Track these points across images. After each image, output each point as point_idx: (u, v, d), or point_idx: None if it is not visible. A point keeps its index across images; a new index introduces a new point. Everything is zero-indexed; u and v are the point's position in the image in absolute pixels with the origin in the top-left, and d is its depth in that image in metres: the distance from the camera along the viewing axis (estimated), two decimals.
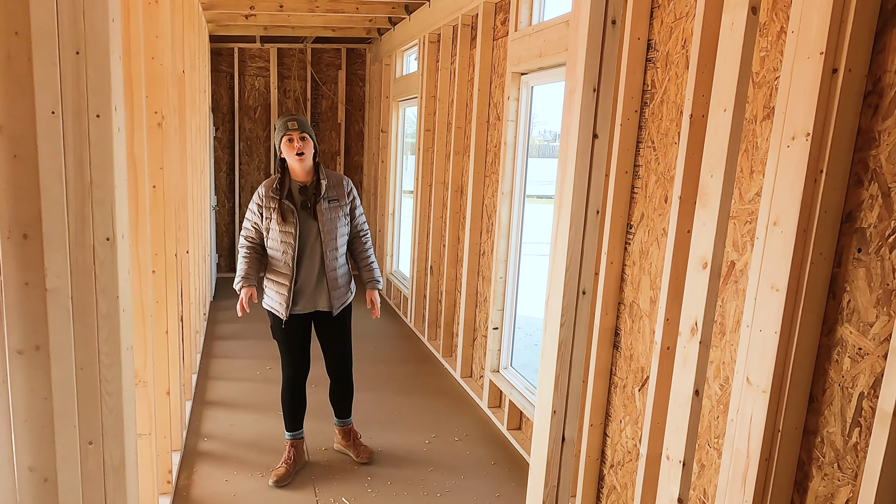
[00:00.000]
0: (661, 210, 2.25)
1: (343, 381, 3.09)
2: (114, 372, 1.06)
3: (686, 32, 2.12)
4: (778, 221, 1.60)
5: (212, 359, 4.46)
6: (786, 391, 1.63)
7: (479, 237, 4.03)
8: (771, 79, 1.80)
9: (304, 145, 2.74)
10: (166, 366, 2.58)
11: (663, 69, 2.24)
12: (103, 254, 1.01)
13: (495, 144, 3.78)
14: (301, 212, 2.77)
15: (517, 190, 3.51)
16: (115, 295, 1.04)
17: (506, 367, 3.67)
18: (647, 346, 2.33)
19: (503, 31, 3.66)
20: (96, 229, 1.00)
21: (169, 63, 2.68)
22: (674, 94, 2.19)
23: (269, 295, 2.86)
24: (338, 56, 7.03)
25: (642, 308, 2.36)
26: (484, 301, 3.95)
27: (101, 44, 0.95)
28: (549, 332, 1.40)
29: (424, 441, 3.36)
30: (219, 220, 6.96)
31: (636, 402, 2.40)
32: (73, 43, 0.92)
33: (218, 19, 5.79)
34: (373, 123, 6.85)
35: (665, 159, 2.23)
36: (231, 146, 6.89)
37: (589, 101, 1.28)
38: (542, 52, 2.99)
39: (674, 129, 2.19)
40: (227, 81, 6.78)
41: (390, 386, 4.10)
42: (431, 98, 4.83)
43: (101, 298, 1.03)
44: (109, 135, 0.99)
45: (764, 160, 1.83)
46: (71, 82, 0.93)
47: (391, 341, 5.05)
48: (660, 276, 2.26)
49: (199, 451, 3.14)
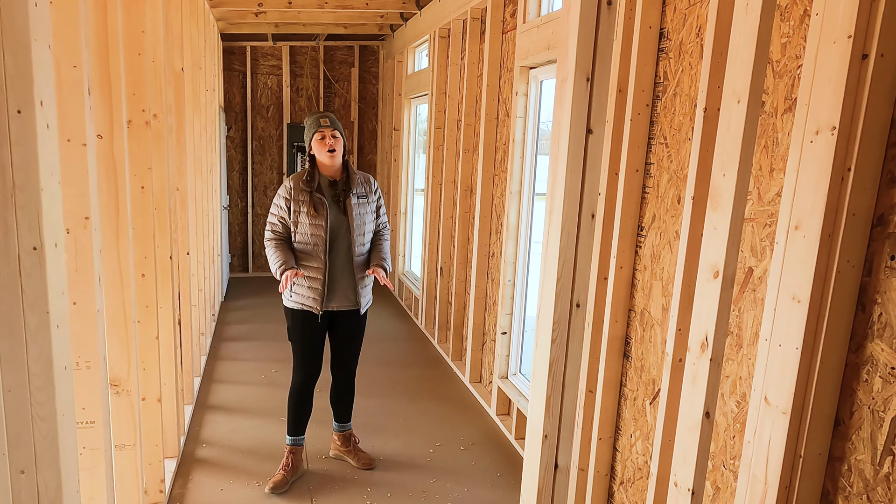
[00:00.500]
0: (674, 211, 2.10)
1: (348, 381, 3.01)
2: (46, 394, 0.96)
3: (701, 19, 1.96)
4: (800, 225, 1.45)
5: (217, 361, 4.40)
6: (808, 413, 1.47)
7: (489, 238, 3.90)
8: (793, 67, 1.64)
9: (336, 142, 2.72)
10: (157, 372, 2.50)
11: (676, 60, 2.08)
12: (30, 264, 0.91)
13: (504, 142, 3.65)
14: (331, 205, 2.72)
15: (526, 189, 3.37)
16: (46, 310, 0.94)
17: (514, 374, 3.53)
18: (659, 356, 2.18)
19: (512, 23, 3.52)
20: (21, 238, 0.90)
21: (161, 60, 2.60)
22: (688, 87, 2.03)
23: (299, 292, 2.76)
24: (350, 53, 6.94)
25: (654, 316, 2.21)
26: (493, 304, 3.82)
27: (20, 30, 0.85)
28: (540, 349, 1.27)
29: (429, 449, 3.25)
30: (231, 219, 6.93)
31: (647, 415, 2.25)
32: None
33: (228, 17, 5.74)
34: (386, 121, 6.75)
35: (678, 157, 2.08)
36: (243, 145, 6.85)
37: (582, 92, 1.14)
38: (551, 45, 2.85)
39: (687, 123, 2.03)
40: (240, 80, 6.73)
41: (397, 390, 3.99)
42: (442, 95, 4.71)
43: (30, 313, 0.93)
44: (34, 132, 0.89)
45: (785, 157, 1.67)
46: None
47: (401, 343, 4.94)
48: (672, 282, 2.10)
49: (196, 458, 3.06)
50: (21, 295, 0.92)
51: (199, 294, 4.01)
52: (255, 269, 7.08)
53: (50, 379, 0.97)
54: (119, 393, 2.07)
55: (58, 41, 1.37)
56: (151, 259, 2.40)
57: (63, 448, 0.99)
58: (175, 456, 2.93)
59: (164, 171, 2.60)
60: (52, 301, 0.96)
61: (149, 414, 2.48)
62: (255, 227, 7.02)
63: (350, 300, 2.81)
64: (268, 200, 7.01)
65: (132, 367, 2.09)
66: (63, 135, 1.46)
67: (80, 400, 1.61)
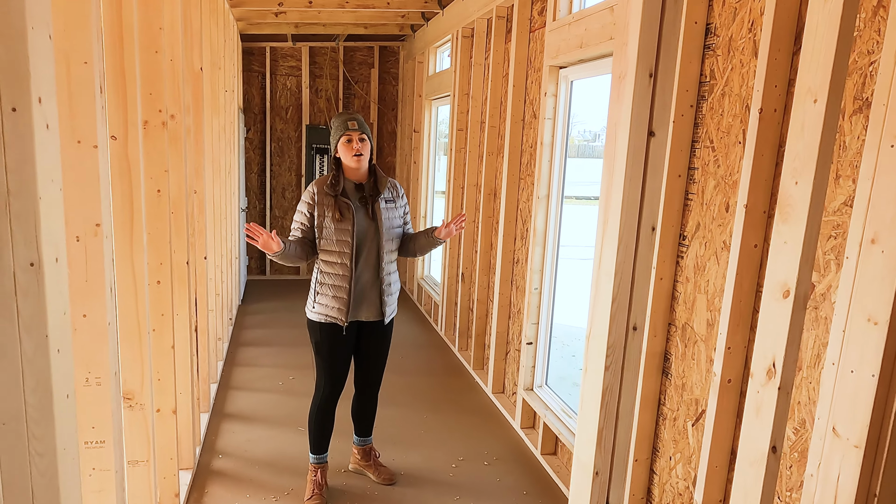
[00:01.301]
0: (721, 220, 1.95)
1: (372, 396, 2.89)
2: (44, 428, 0.86)
3: (754, 13, 1.81)
4: (877, 238, 1.30)
5: (234, 367, 4.31)
6: (885, 448, 1.32)
7: (513, 244, 3.76)
8: (864, 64, 1.49)
9: (363, 146, 2.58)
10: (172, 382, 2.40)
11: (725, 57, 1.94)
12: (26, 282, 0.81)
13: (531, 144, 3.51)
14: (358, 210, 2.59)
15: (554, 194, 3.23)
16: (44, 333, 0.84)
17: (540, 386, 3.39)
18: (703, 375, 2.03)
19: (540, 21, 3.39)
20: (16, 251, 0.79)
21: (180, 59, 2.51)
22: (738, 86, 1.88)
23: (323, 302, 2.61)
24: (370, 54, 6.85)
25: (697, 331, 2.06)
26: (518, 313, 3.68)
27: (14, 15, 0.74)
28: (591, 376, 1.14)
29: (451, 464, 3.12)
30: (249, 221, 6.87)
31: (689, 437, 2.10)
32: None
33: (248, 17, 5.68)
34: (405, 123, 6.65)
35: (726, 161, 1.93)
36: (262, 147, 6.79)
37: (643, 90, 1.01)
38: (584, 43, 2.71)
39: (737, 125, 1.88)
40: (259, 81, 6.67)
41: (417, 400, 3.87)
42: (464, 96, 4.59)
43: (26, 338, 0.82)
44: (31, 133, 0.78)
45: (853, 163, 1.52)
46: None
47: (420, 350, 4.82)
48: (719, 295, 1.96)
49: (212, 470, 2.97)
50: (16, 317, 0.81)
51: (216, 299, 3.92)
52: (272, 272, 7.01)
53: (49, 410, 0.86)
54: (132, 407, 1.97)
55: (67, 35, 1.27)
56: (167, 265, 2.30)
57: (64, 487, 0.89)
58: (190, 468, 2.84)
59: (182, 174, 2.51)
60: (52, 323, 0.85)
61: (163, 426, 2.39)
62: (274, 228, 6.96)
63: (377, 310, 2.67)
64: (286, 202, 6.94)
65: (146, 379, 2.00)
66: (73, 136, 1.36)
67: (90, 418, 1.51)
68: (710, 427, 1.86)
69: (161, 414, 2.39)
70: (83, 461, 1.52)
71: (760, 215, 1.74)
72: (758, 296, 1.79)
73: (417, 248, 2.74)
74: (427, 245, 2.72)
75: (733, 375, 1.83)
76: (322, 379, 2.72)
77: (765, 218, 1.75)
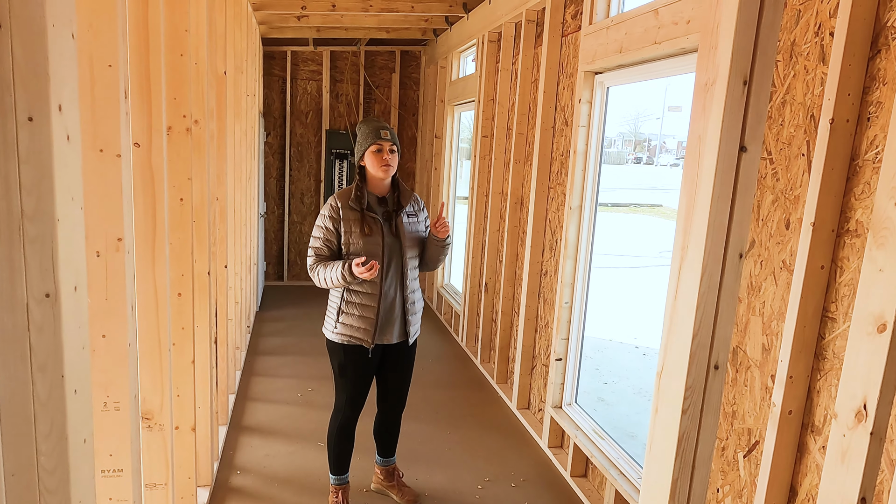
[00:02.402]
0: (780, 237, 1.82)
1: (396, 416, 2.77)
2: (58, 479, 0.75)
3: (822, 15, 1.68)
4: None
5: (253, 377, 4.23)
6: None
7: (541, 255, 3.64)
8: None
9: (393, 158, 2.45)
10: (192, 398, 2.31)
11: (786, 63, 1.81)
12: (41, 316, 0.71)
13: (562, 153, 3.39)
14: (384, 225, 2.46)
15: (587, 204, 3.10)
16: (60, 373, 0.73)
17: (570, 404, 3.26)
18: (757, 404, 1.89)
19: (574, 25, 3.27)
20: (30, 282, 0.69)
21: (205, 62, 2.42)
22: (801, 94, 1.75)
23: (348, 323, 2.47)
24: (392, 59, 6.77)
25: (751, 356, 1.93)
26: (545, 326, 3.55)
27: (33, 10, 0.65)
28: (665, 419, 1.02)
29: (477, 485, 2.99)
30: (267, 226, 6.81)
31: (740, 469, 1.96)
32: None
33: (270, 21, 5.62)
34: (426, 129, 6.55)
35: (787, 174, 1.80)
36: (282, 152, 6.73)
37: (736, 99, 0.89)
38: (623, 48, 2.59)
39: (800, 136, 1.75)
40: (279, 85, 6.62)
41: (440, 415, 3.75)
42: (490, 101, 4.47)
43: (39, 378, 0.72)
44: (49, 146, 0.68)
45: None
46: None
47: (441, 362, 4.70)
48: (777, 319, 1.82)
49: (230, 487, 2.87)
50: (29, 355, 0.71)
51: (235, 307, 3.84)
52: (290, 278, 6.94)
53: (63, 459, 0.76)
54: (151, 427, 1.87)
55: (92, 34, 1.18)
56: (189, 277, 2.21)
57: None
58: (208, 485, 2.74)
59: (205, 181, 2.42)
60: (69, 361, 0.75)
61: (182, 444, 2.29)
62: (292, 234, 6.89)
63: (401, 331, 2.54)
64: (304, 208, 6.87)
65: (166, 398, 1.90)
66: (95, 144, 1.26)
67: (108, 445, 1.41)
68: (768, 462, 1.73)
69: (180, 431, 2.29)
70: (99, 490, 1.42)
71: (829, 234, 1.61)
72: (824, 321, 1.66)
73: (429, 258, 2.58)
74: (435, 252, 2.55)
75: (795, 407, 1.70)
76: (342, 400, 2.60)
77: (833, 237, 1.62)
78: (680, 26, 2.21)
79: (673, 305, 1.01)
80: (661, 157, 45.32)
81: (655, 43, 2.33)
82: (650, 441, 1.07)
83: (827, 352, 1.64)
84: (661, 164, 42.42)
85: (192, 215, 2.21)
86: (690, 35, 2.14)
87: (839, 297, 1.61)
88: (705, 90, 0.94)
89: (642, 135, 51.59)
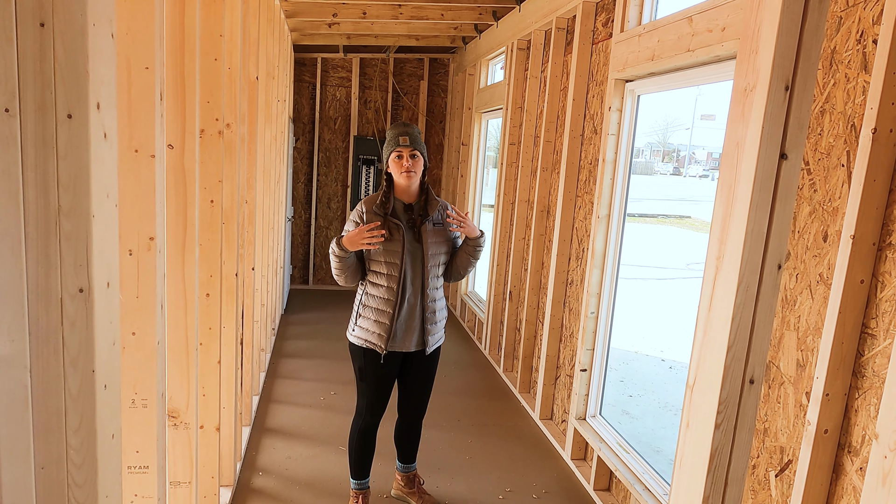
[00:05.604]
0: (817, 250, 1.76)
1: (417, 422, 2.75)
2: (86, 474, 0.76)
3: (864, 22, 1.64)
4: None
5: (276, 379, 4.26)
6: None
7: (567, 264, 3.60)
8: None
9: (414, 164, 2.43)
10: (217, 398, 2.33)
11: (825, 71, 1.76)
12: (74, 311, 0.72)
13: (590, 161, 3.36)
14: (406, 231, 2.45)
15: (615, 213, 3.06)
16: (91, 368, 0.74)
17: (594, 416, 3.21)
18: (790, 422, 1.84)
19: (605, 33, 3.24)
20: (65, 277, 0.70)
21: (238, 67, 2.46)
22: (841, 103, 1.70)
23: (365, 326, 2.48)
24: (420, 66, 6.81)
25: (784, 372, 1.87)
26: (570, 336, 3.51)
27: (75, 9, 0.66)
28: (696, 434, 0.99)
29: (498, 496, 2.96)
30: (294, 230, 6.88)
31: (772, 489, 1.90)
32: (36, 10, 0.63)
33: (301, 28, 5.70)
34: (453, 136, 6.56)
35: (825, 185, 1.75)
36: (310, 157, 6.80)
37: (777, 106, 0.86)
38: (656, 55, 2.55)
39: (840, 146, 1.70)
40: (309, 91, 6.70)
41: (462, 423, 3.72)
42: (518, 109, 4.46)
43: (71, 372, 0.73)
44: (86, 143, 0.70)
45: None
46: (31, 67, 0.64)
47: (463, 370, 4.68)
48: (812, 334, 1.77)
49: (252, 488, 2.89)
50: (62, 349, 0.72)
51: (261, 309, 3.88)
52: (315, 282, 6.99)
53: (92, 454, 0.77)
54: (177, 426, 1.89)
55: (131, 37, 1.20)
56: (217, 278, 2.24)
57: None
58: (231, 485, 2.76)
59: (235, 184, 2.45)
60: (100, 357, 0.76)
61: (206, 444, 2.31)
62: (318, 238, 6.95)
63: (419, 339, 2.52)
64: (331, 212, 6.93)
65: (192, 397, 1.92)
66: (130, 145, 1.29)
67: (135, 441, 1.43)
68: (802, 482, 1.67)
69: (204, 430, 2.31)
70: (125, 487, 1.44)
71: (869, 248, 1.56)
72: (863, 338, 1.60)
73: (458, 265, 2.56)
74: (464, 259, 2.53)
75: (831, 426, 1.64)
76: (363, 405, 2.60)
77: (874, 251, 1.57)
78: (715, 34, 2.17)
79: (707, 317, 0.98)
80: (689, 167, 44.72)
81: (689, 50, 2.29)
82: (679, 456, 1.04)
83: (866, 369, 1.58)
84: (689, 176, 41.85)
85: (221, 217, 2.24)
86: (726, 42, 2.10)
87: (880, 312, 1.55)
88: (744, 95, 0.91)
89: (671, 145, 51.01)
